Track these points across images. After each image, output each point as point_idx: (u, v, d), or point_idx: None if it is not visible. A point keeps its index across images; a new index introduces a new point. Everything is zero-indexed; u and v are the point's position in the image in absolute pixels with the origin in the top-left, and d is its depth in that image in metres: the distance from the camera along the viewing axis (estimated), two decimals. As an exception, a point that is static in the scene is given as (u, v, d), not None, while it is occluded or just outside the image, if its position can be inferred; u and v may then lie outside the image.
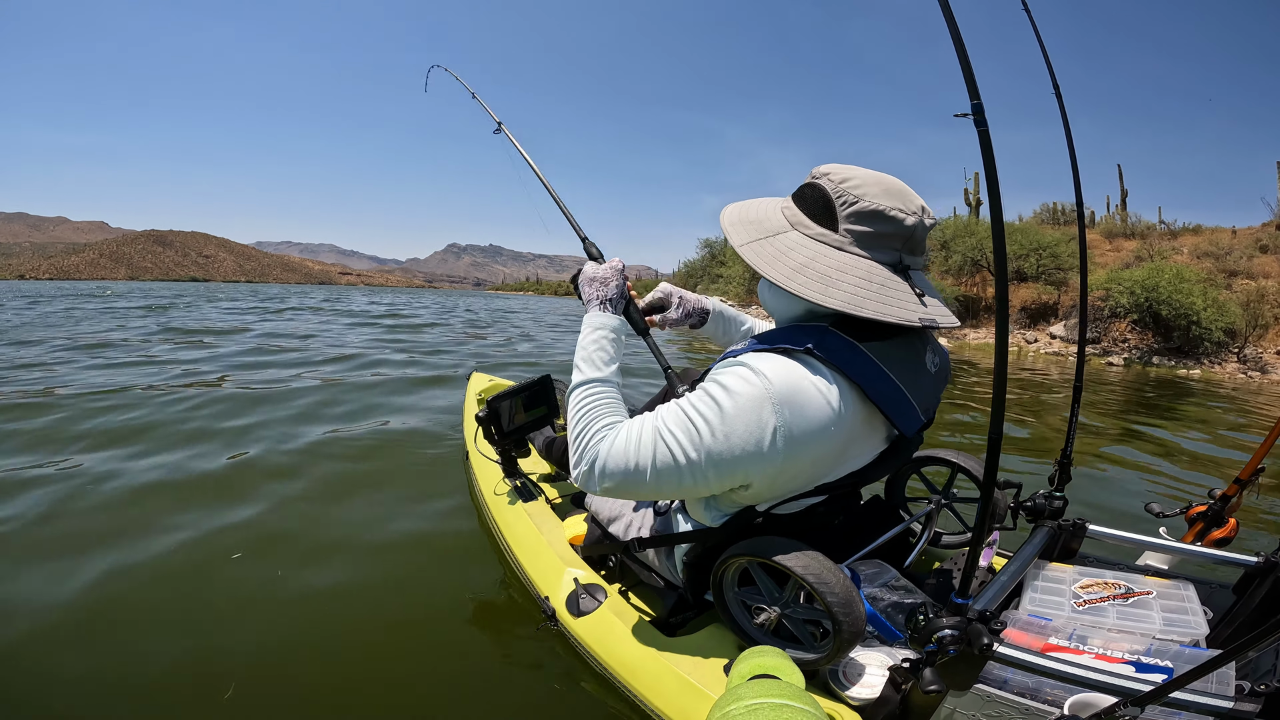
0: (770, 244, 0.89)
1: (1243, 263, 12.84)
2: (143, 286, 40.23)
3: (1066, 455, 1.34)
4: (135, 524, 2.09)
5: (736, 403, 0.81)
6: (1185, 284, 10.66)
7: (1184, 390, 7.61)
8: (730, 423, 0.81)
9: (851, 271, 0.84)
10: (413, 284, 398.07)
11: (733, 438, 0.81)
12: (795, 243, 0.88)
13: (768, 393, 0.80)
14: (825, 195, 0.87)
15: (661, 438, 0.85)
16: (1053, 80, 1.21)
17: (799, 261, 0.86)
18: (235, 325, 9.59)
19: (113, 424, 3.26)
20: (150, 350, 6.24)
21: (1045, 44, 1.20)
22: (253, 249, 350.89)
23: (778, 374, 0.81)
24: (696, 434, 0.82)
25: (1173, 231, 15.97)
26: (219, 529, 2.09)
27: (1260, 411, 6.10)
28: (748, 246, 0.91)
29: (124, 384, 4.27)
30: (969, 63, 0.66)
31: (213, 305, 16.24)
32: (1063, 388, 6.71)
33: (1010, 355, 9.09)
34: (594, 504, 1.42)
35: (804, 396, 0.81)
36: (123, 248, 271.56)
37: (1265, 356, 10.49)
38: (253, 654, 1.48)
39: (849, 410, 0.84)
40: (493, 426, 1.67)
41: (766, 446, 0.80)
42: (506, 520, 1.65)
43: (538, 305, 31.15)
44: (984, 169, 0.68)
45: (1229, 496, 1.43)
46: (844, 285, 0.83)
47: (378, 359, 6.19)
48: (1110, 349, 11.46)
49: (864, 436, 0.92)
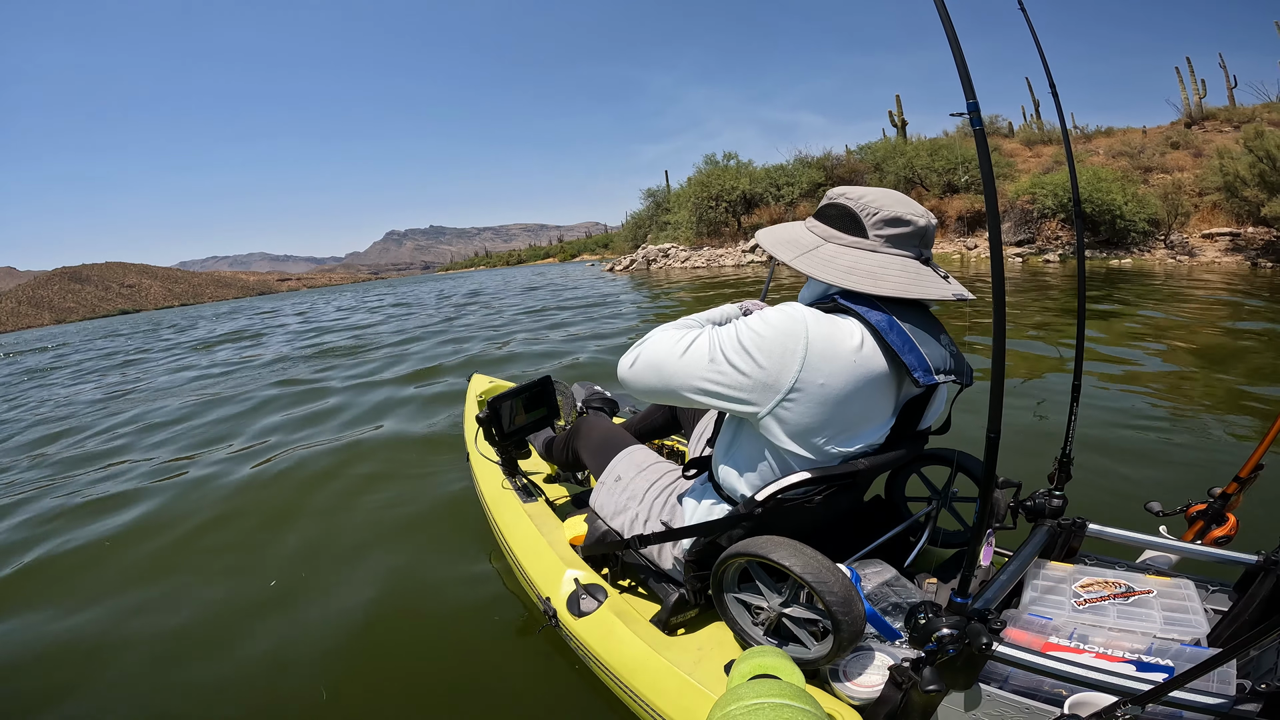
0: (814, 255, 1.04)
1: (1156, 159, 14.00)
2: (87, 326, 36.84)
3: (1066, 454, 1.34)
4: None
5: (774, 321, 0.95)
6: (1103, 183, 11.48)
7: (1120, 279, 8.51)
8: (766, 331, 0.94)
9: (891, 267, 0.99)
10: (358, 279, 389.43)
11: (764, 343, 0.94)
12: (836, 251, 1.02)
13: (803, 318, 0.95)
14: (850, 211, 1.02)
15: (707, 336, 0.99)
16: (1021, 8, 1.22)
17: (846, 265, 1.00)
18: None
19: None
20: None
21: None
22: (178, 270, 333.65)
23: (810, 312, 0.97)
24: (736, 337, 0.96)
25: (1086, 135, 17.21)
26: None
27: (1190, 290, 7.00)
28: (798, 260, 1.04)
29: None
30: (965, 63, 0.66)
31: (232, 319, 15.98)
32: (1017, 294, 7.33)
33: (954, 264, 9.53)
34: (596, 501, 1.43)
35: (831, 327, 0.95)
36: (38, 291, 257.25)
37: (1191, 241, 11.34)
38: (253, 657, 1.48)
39: (868, 352, 0.96)
40: (493, 427, 1.67)
41: (796, 358, 0.92)
42: (507, 521, 1.65)
43: (511, 277, 30.42)
44: (980, 165, 0.68)
45: (1229, 494, 1.42)
46: (890, 277, 0.98)
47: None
48: (1045, 247, 12.56)
49: (881, 387, 0.99)
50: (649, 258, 19.77)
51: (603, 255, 34.50)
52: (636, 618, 1.21)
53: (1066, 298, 6.71)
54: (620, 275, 18.48)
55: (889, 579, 1.12)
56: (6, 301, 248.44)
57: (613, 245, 33.17)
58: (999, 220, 0.70)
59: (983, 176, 0.69)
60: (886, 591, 1.10)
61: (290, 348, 8.34)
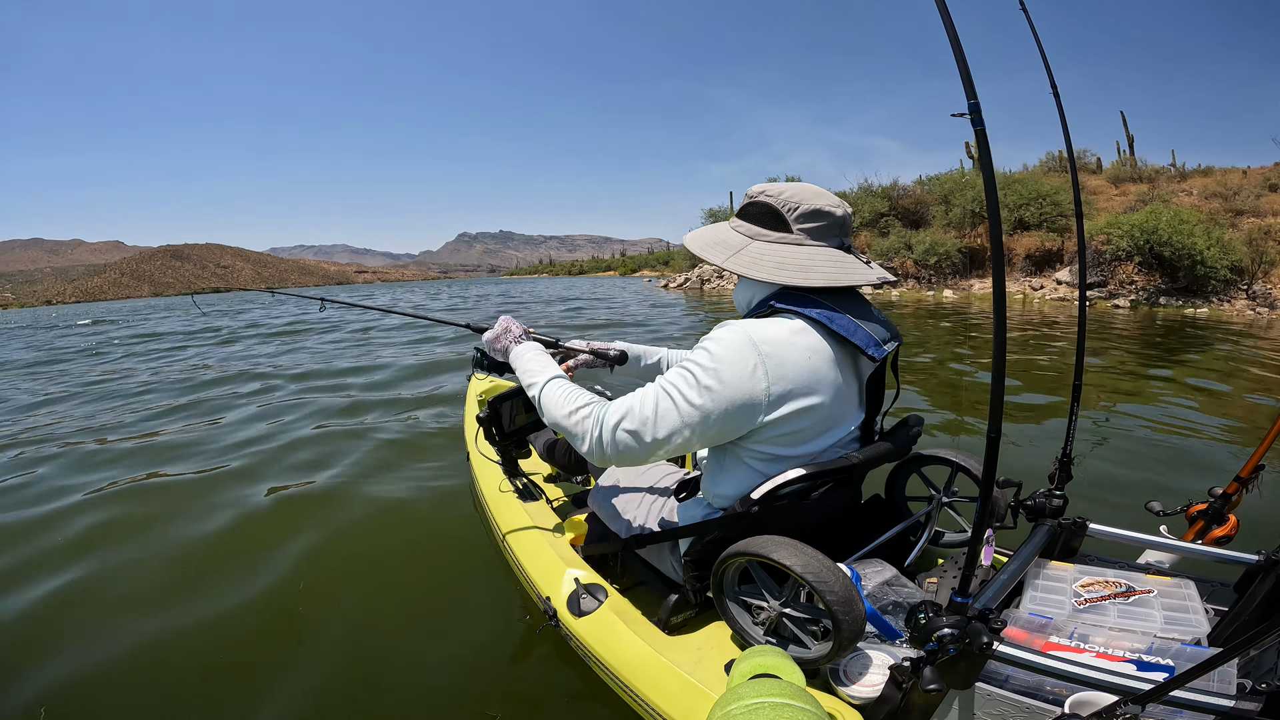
0: (744, 254, 1.06)
1: (1250, 202, 12.76)
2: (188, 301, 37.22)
3: (1066, 453, 1.34)
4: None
5: (723, 346, 0.95)
6: (1185, 225, 10.64)
7: (1192, 332, 7.47)
8: (720, 360, 0.94)
9: (818, 258, 1.03)
10: (428, 276, 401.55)
11: (721, 366, 0.94)
12: (763, 249, 1.05)
13: (748, 334, 0.95)
14: (771, 208, 1.05)
15: (664, 390, 0.97)
16: (1035, 37, 1.20)
17: (776, 261, 1.03)
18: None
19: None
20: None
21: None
22: (268, 256, 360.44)
23: (752, 323, 0.98)
24: (694, 378, 0.95)
25: (1182, 174, 15.76)
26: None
27: (1270, 349, 5.90)
28: (730, 261, 1.07)
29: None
30: (966, 62, 0.66)
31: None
32: (1068, 336, 6.62)
33: (1015, 303, 8.94)
34: (595, 501, 1.43)
35: (775, 330, 0.97)
36: (142, 265, 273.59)
37: (1275, 292, 10.37)
38: (253, 656, 1.49)
39: (818, 341, 0.99)
40: (493, 427, 1.67)
41: (757, 369, 0.94)
42: (507, 521, 1.65)
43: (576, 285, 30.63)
44: (981, 168, 0.68)
45: (1230, 494, 1.42)
46: (820, 268, 1.02)
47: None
48: (1117, 291, 11.44)
49: (840, 370, 1.02)
50: (703, 278, 19.70)
51: (662, 272, 34.41)
52: (637, 617, 1.21)
53: (1127, 353, 5.72)
54: (674, 292, 18.68)
55: (889, 578, 1.12)
56: (110, 273, 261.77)
57: (673, 263, 32.37)
58: (1000, 220, 0.70)
59: (984, 179, 0.69)
60: (887, 591, 1.10)
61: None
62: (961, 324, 8.20)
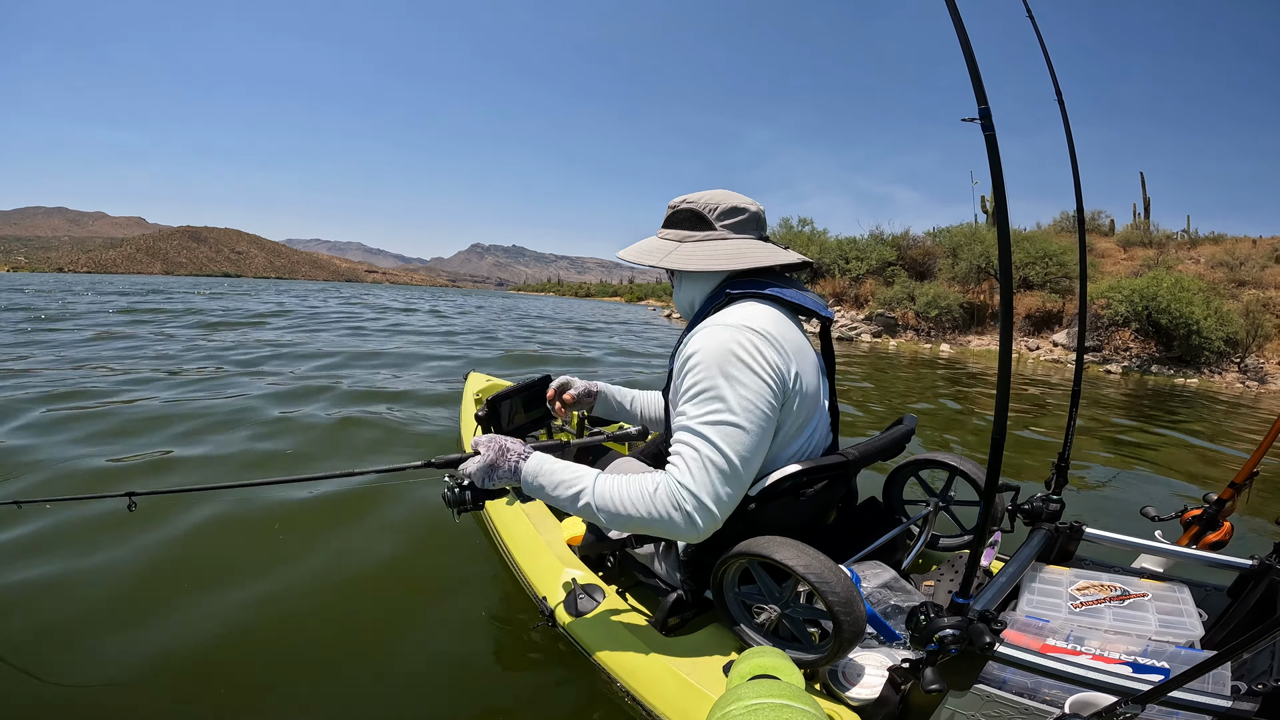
0: (678, 253, 1.15)
1: (1254, 273, 12.70)
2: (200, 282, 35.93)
3: (1064, 459, 1.35)
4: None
5: (710, 350, 0.99)
6: (1185, 293, 10.56)
7: (1177, 400, 7.48)
8: (721, 360, 0.98)
9: (744, 247, 1.14)
10: (436, 282, 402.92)
11: (757, 358, 0.98)
12: (694, 248, 1.14)
13: (727, 323, 1.02)
14: (694, 211, 1.16)
15: (708, 421, 0.97)
16: (1055, 87, 1.22)
17: (707, 254, 1.13)
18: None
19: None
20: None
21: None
22: (283, 246, 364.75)
23: (723, 314, 1.06)
24: (718, 398, 0.97)
25: (1193, 240, 15.60)
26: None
27: (1242, 422, 5.91)
28: (666, 260, 1.14)
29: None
30: (977, 67, 0.66)
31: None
32: (1059, 395, 6.70)
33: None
34: None
35: (748, 311, 1.05)
36: (159, 243, 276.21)
37: (1266, 366, 10.36)
38: (250, 651, 1.47)
39: (783, 315, 1.09)
40: (492, 426, 1.66)
41: (760, 345, 0.99)
42: (504, 521, 1.64)
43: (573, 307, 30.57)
44: (990, 173, 0.69)
45: (1224, 500, 1.44)
46: (749, 253, 1.12)
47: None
48: (1111, 356, 11.34)
49: (807, 338, 1.14)
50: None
51: (666, 301, 34.44)
52: (635, 618, 1.21)
53: (1115, 419, 5.43)
54: (676, 321, 18.35)
55: (888, 580, 1.12)
56: (126, 247, 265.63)
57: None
58: (1006, 218, 0.70)
59: (993, 189, 0.69)
60: (886, 593, 1.10)
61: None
62: (959, 376, 8.08)
